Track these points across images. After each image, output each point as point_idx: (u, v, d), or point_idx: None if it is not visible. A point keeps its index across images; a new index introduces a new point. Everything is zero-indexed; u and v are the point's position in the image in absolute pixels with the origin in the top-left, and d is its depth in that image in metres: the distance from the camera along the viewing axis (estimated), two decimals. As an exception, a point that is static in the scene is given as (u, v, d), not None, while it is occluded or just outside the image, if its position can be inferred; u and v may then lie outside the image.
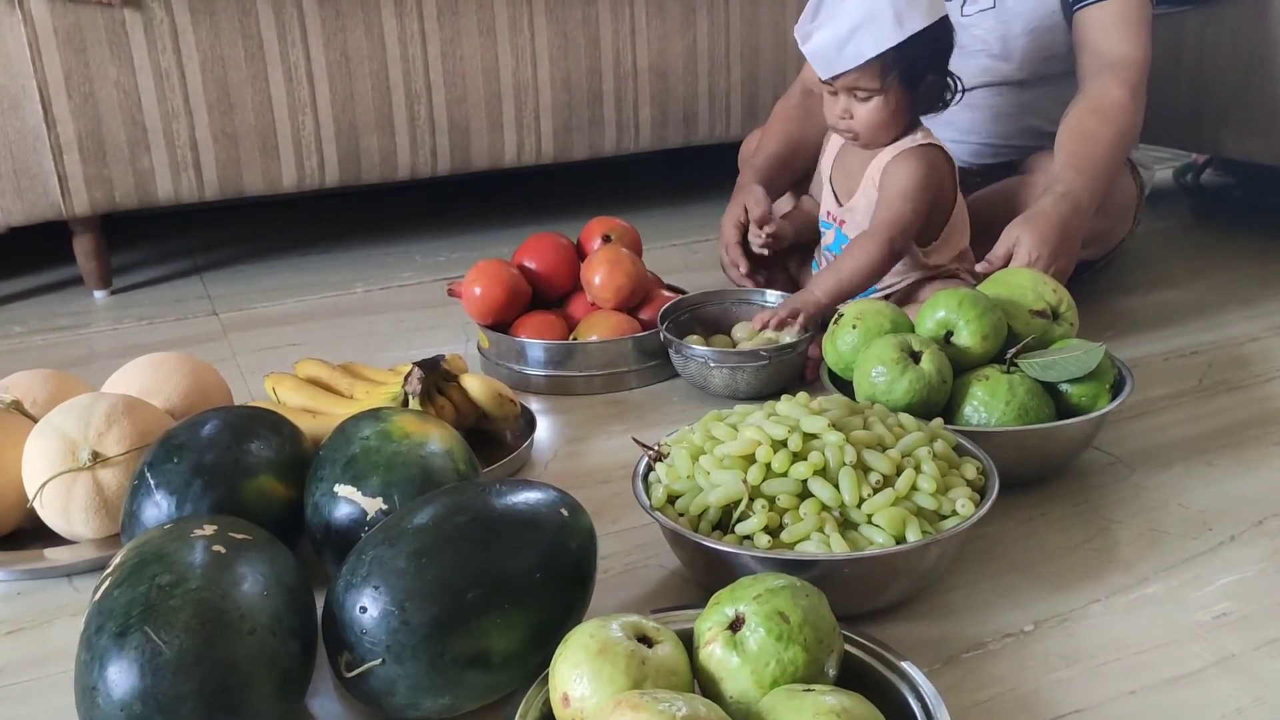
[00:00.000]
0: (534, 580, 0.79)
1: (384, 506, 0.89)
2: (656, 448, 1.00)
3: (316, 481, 0.93)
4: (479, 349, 1.45)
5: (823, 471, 0.90)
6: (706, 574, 0.93)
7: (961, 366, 1.11)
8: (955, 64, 1.34)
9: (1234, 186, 2.19)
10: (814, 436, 0.93)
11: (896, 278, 1.36)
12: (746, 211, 1.44)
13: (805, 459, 0.91)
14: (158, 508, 0.92)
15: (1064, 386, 1.09)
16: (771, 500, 0.90)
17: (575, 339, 1.37)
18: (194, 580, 0.74)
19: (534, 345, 1.36)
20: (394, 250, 2.00)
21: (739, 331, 1.38)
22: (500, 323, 1.40)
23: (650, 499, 0.94)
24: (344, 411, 1.17)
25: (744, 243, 1.45)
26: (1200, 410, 1.24)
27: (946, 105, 1.36)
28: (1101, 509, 1.05)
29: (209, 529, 0.80)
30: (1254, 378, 1.32)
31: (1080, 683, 0.81)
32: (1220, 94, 1.76)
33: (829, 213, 1.41)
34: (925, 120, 1.37)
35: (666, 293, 1.46)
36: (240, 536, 0.81)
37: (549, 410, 1.33)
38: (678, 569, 0.99)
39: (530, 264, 1.43)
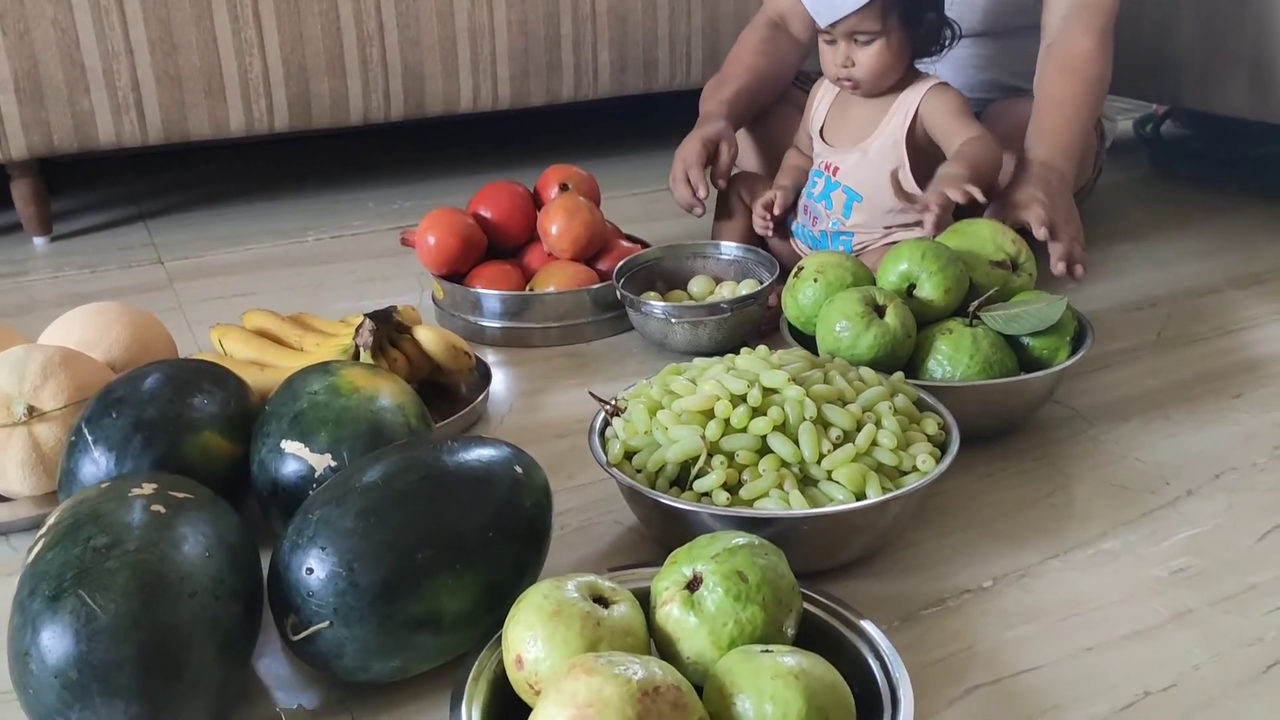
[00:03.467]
0: (486, 539, 0.77)
1: (332, 463, 0.87)
2: (613, 402, 0.98)
3: (263, 437, 0.90)
4: (433, 300, 1.42)
5: (782, 427, 0.88)
6: (664, 531, 0.91)
7: (924, 319, 1.09)
8: None
9: (1193, 138, 2.19)
10: (774, 391, 0.91)
11: (876, 233, 1.33)
12: (718, 148, 1.41)
13: (765, 414, 0.89)
14: (96, 465, 0.89)
15: (1025, 339, 1.08)
16: (730, 456, 0.88)
17: (532, 290, 1.34)
18: (131, 542, 0.71)
19: (489, 296, 1.33)
20: (346, 197, 1.95)
21: (695, 286, 1.35)
22: (455, 273, 1.37)
23: (607, 455, 0.92)
24: (293, 364, 1.14)
25: (707, 166, 1.41)
26: (1158, 363, 1.24)
27: (945, 47, 1.34)
28: (1061, 463, 1.04)
29: (148, 488, 0.77)
30: (1212, 330, 1.32)
31: (1038, 639, 0.81)
32: (1181, 45, 1.75)
33: (827, 163, 1.37)
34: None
35: (625, 243, 1.43)
36: (181, 495, 0.78)
37: (505, 363, 1.30)
38: (635, 525, 0.97)
39: (485, 213, 1.39)
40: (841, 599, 0.77)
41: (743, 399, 0.90)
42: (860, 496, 0.85)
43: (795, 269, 1.17)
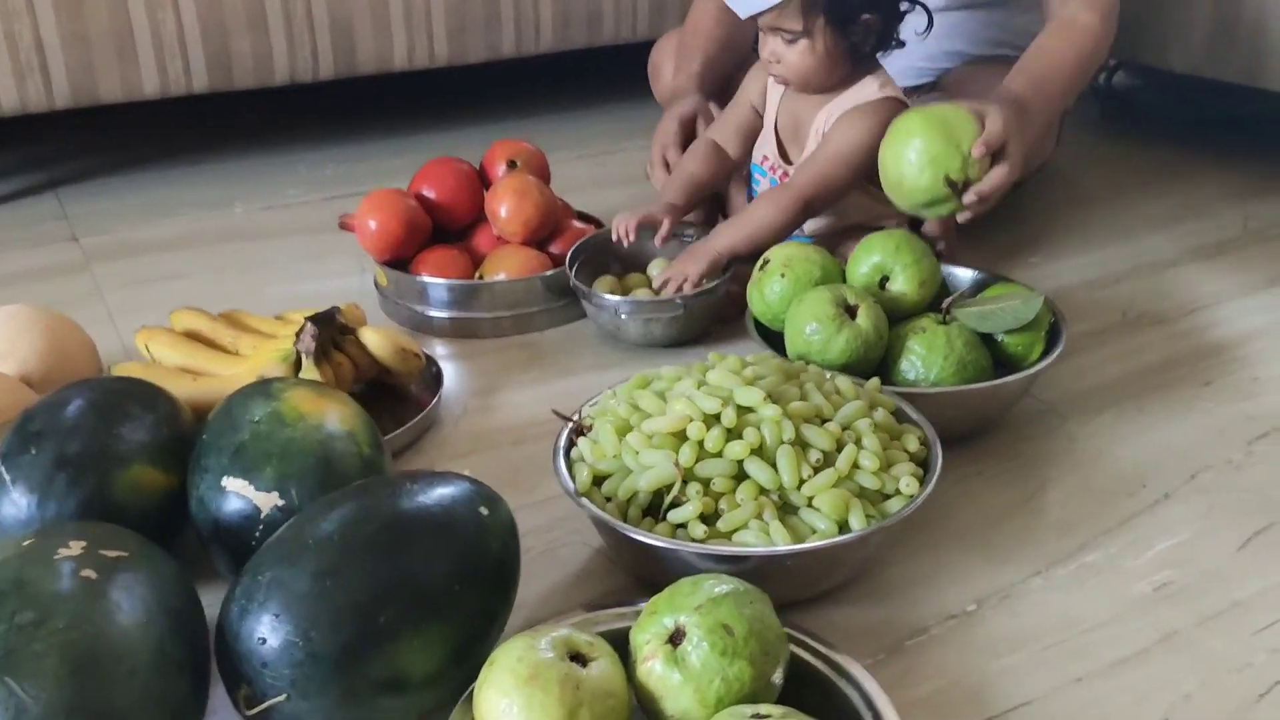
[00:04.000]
0: (453, 591, 0.72)
1: (280, 502, 0.80)
2: (578, 419, 0.92)
3: (200, 472, 0.84)
4: (376, 286, 1.34)
5: (759, 450, 0.84)
6: (636, 564, 0.87)
7: (896, 315, 1.05)
8: None
9: (1142, 89, 2.16)
10: (749, 410, 0.86)
11: (830, 219, 1.28)
12: (694, 126, 1.35)
13: (740, 436, 0.84)
14: (16, 507, 0.81)
15: (999, 335, 1.05)
16: (706, 483, 0.83)
17: (481, 277, 1.27)
18: (61, 617, 0.64)
19: (436, 285, 1.26)
20: (274, 160, 1.85)
21: (654, 269, 1.30)
22: (399, 258, 1.29)
23: (575, 481, 0.87)
24: (227, 371, 1.07)
25: (683, 146, 1.35)
26: (1126, 347, 1.21)
27: (898, 44, 1.24)
28: (1036, 464, 1.02)
29: (76, 547, 0.70)
30: (1177, 310, 1.30)
31: (1027, 670, 0.78)
32: (1139, 2, 1.71)
33: (765, 157, 1.31)
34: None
35: (578, 223, 1.36)
36: (114, 554, 0.71)
37: (455, 356, 1.24)
38: (604, 548, 0.92)
39: (429, 193, 1.32)
40: (828, 641, 0.74)
41: (716, 419, 0.85)
42: (843, 525, 0.81)
43: (760, 261, 1.12)
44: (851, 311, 1.01)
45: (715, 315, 1.24)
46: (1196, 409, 1.10)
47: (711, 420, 0.86)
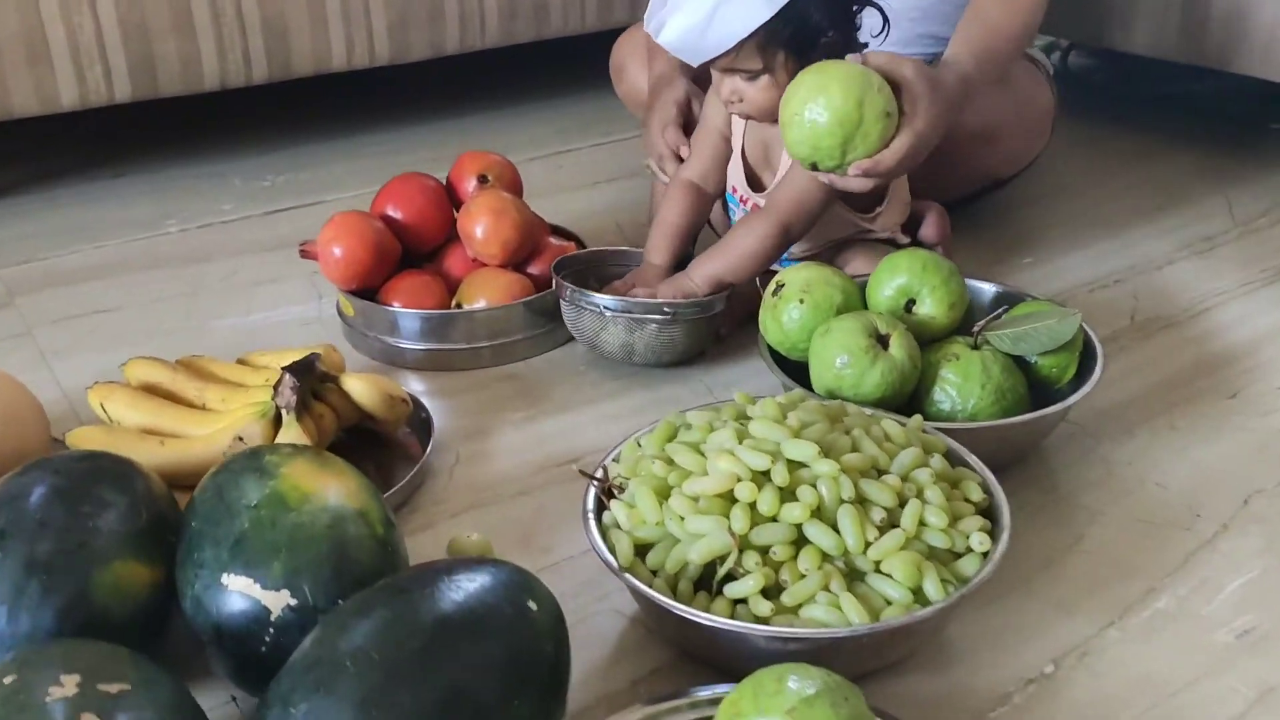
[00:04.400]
0: (510, 708, 0.63)
1: (292, 601, 0.71)
2: (607, 478, 0.84)
3: (194, 567, 0.73)
4: (340, 315, 1.23)
5: (818, 510, 0.77)
6: (686, 641, 0.79)
7: (923, 339, 0.99)
8: None
9: (1095, 70, 2.13)
10: (800, 465, 0.79)
11: (813, 242, 1.21)
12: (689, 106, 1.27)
13: (794, 496, 0.77)
14: (-17, 624, 0.70)
15: (1033, 357, 0.99)
16: (763, 551, 0.76)
17: (460, 305, 1.17)
18: (67, 783, 0.55)
19: (411, 316, 1.16)
20: (205, 171, 1.71)
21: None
22: (367, 287, 1.18)
23: (615, 554, 0.78)
24: (199, 431, 0.96)
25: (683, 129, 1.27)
26: (1143, 355, 1.17)
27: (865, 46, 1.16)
28: (1079, 495, 0.96)
29: (69, 684, 0.60)
30: (1182, 312, 1.26)
31: (1122, 741, 0.73)
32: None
33: (734, 187, 1.22)
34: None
35: (555, 240, 1.27)
36: (114, 689, 0.61)
37: (434, 392, 1.14)
38: (638, 615, 0.84)
39: (395, 213, 1.21)
40: (922, 730, 0.67)
41: (766, 477, 0.78)
42: (917, 591, 0.74)
43: (773, 285, 1.04)
44: (884, 341, 0.94)
45: (705, 335, 1.16)
46: (1229, 424, 1.05)
47: (761, 478, 0.78)
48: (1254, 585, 0.86)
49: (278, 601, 0.71)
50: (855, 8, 1.14)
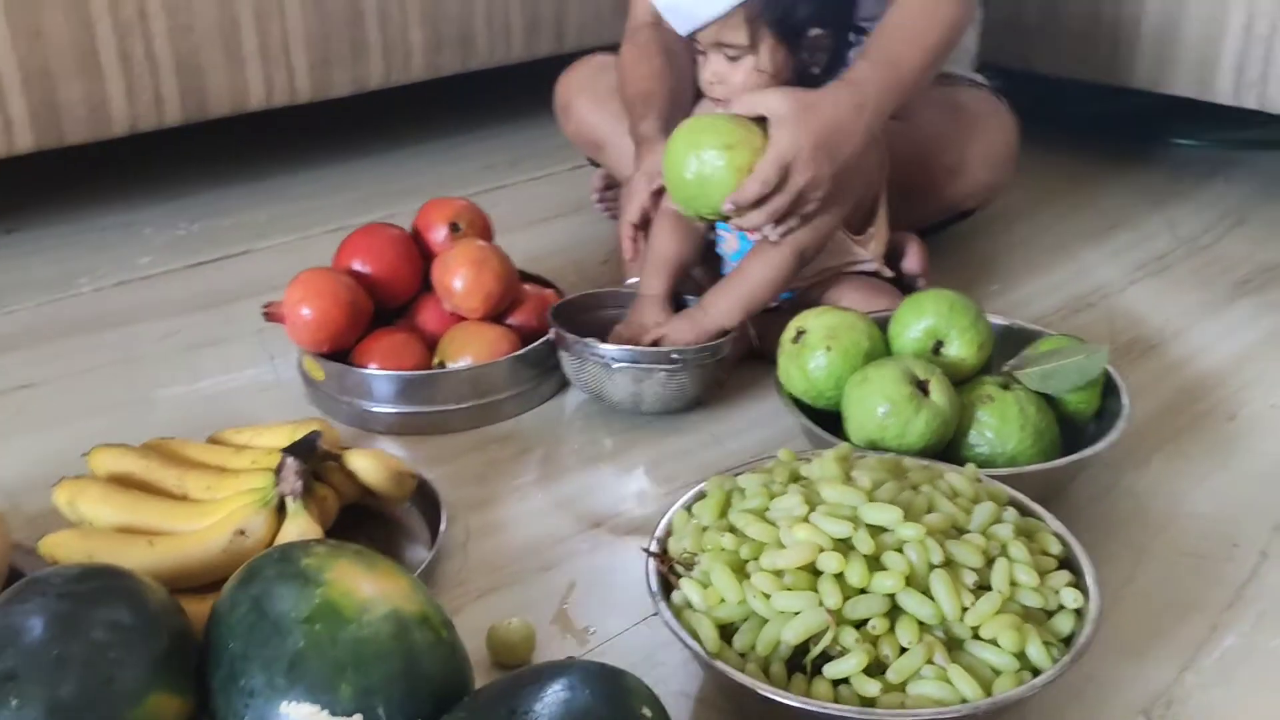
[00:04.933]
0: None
1: (364, 726, 0.63)
2: (667, 555, 0.78)
3: (242, 695, 0.65)
4: (304, 378, 1.14)
5: (907, 579, 0.73)
6: (781, 725, 0.74)
7: (953, 382, 0.96)
8: None
9: (1005, 92, 2.17)
10: (881, 530, 0.75)
11: (806, 273, 1.18)
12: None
13: (881, 564, 0.73)
14: (0, 788, 0.60)
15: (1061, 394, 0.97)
16: (858, 626, 0.72)
17: (442, 363, 1.10)
18: None
19: (392, 378, 1.07)
20: (110, 223, 1.57)
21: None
22: (339, 349, 1.09)
23: (700, 640, 0.72)
24: (187, 524, 0.86)
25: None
26: (1136, 381, 1.16)
27: (842, 65, 1.14)
28: (1116, 532, 0.95)
29: None
30: (1156, 335, 1.27)
31: (1233, 796, 0.71)
32: (1033, 8, 1.70)
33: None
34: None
35: (529, 287, 1.20)
36: None
37: (425, 460, 1.05)
38: (702, 694, 0.79)
39: (363, 267, 1.12)
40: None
41: (848, 545, 0.74)
42: (1020, 656, 0.71)
43: (792, 332, 1.00)
44: (923, 388, 0.91)
45: (712, 380, 1.12)
46: (1238, 448, 1.06)
47: (843, 547, 0.74)
48: (1310, 616, 0.86)
49: (349, 728, 0.63)
50: (849, 10, 1.13)
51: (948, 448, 0.94)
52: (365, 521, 0.96)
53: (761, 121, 1.04)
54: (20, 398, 1.16)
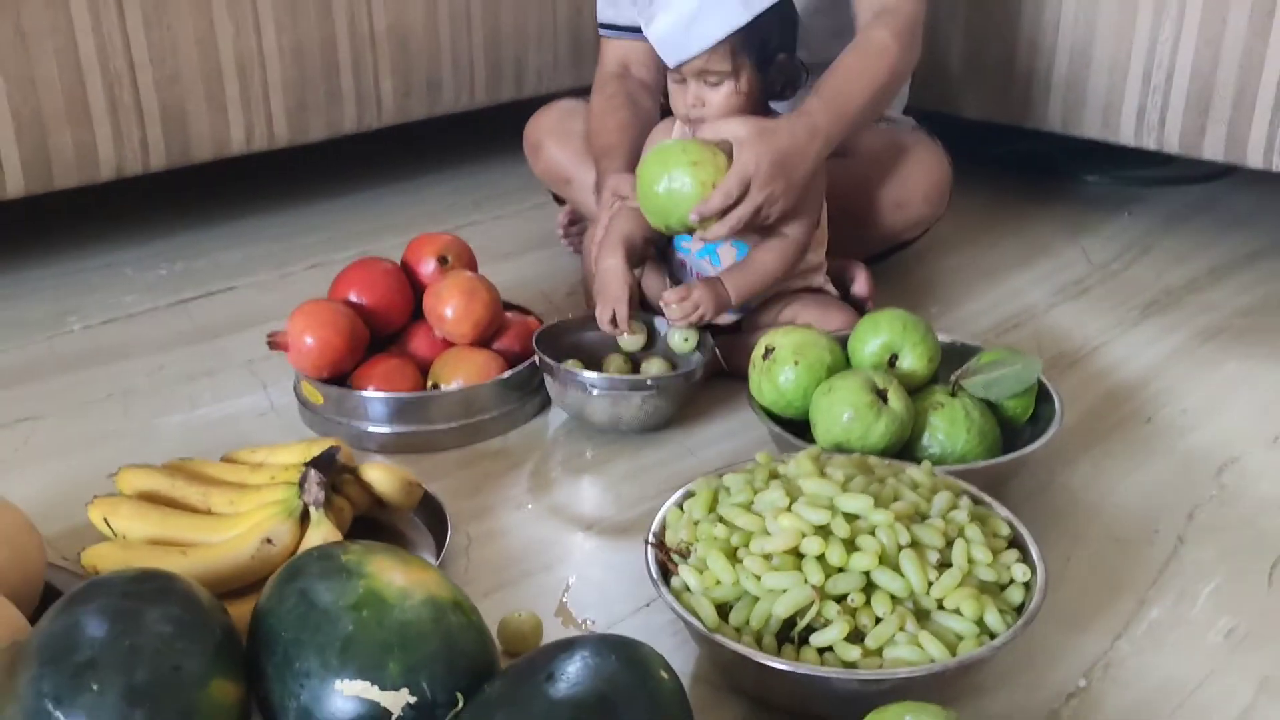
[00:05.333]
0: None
1: (412, 699, 0.71)
2: (664, 545, 0.87)
3: (297, 677, 0.72)
4: (301, 402, 1.21)
5: (881, 557, 0.83)
6: (771, 694, 0.83)
7: (907, 390, 1.07)
8: None
9: (935, 133, 2.31)
10: (855, 517, 0.85)
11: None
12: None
13: (858, 546, 0.83)
14: (87, 761, 0.67)
15: (1000, 400, 1.09)
16: (839, 600, 0.81)
17: (436, 385, 1.18)
18: None
19: (389, 400, 1.15)
20: (95, 264, 1.63)
21: (625, 342, 1.24)
22: (338, 374, 1.17)
23: (700, 617, 0.81)
24: (213, 536, 0.93)
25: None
26: (1062, 390, 1.27)
27: (799, 89, 1.29)
28: (1053, 521, 1.06)
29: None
30: (1079, 350, 1.40)
31: (1168, 741, 0.82)
32: (957, 58, 1.83)
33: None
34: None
35: (512, 315, 1.29)
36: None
37: (421, 476, 1.12)
38: (700, 673, 0.88)
39: (359, 299, 1.20)
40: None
41: (827, 530, 0.83)
42: (980, 623, 0.81)
43: (762, 349, 1.10)
44: (883, 396, 1.02)
45: (684, 401, 1.21)
46: (1156, 448, 1.18)
47: (823, 532, 0.84)
48: (1222, 590, 0.97)
49: (397, 701, 0.71)
50: (794, 47, 1.27)
51: (904, 448, 1.05)
52: (374, 534, 1.03)
53: (726, 146, 1.16)
54: (25, 430, 1.21)
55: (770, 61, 1.24)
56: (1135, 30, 1.62)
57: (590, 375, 1.15)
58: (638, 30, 1.45)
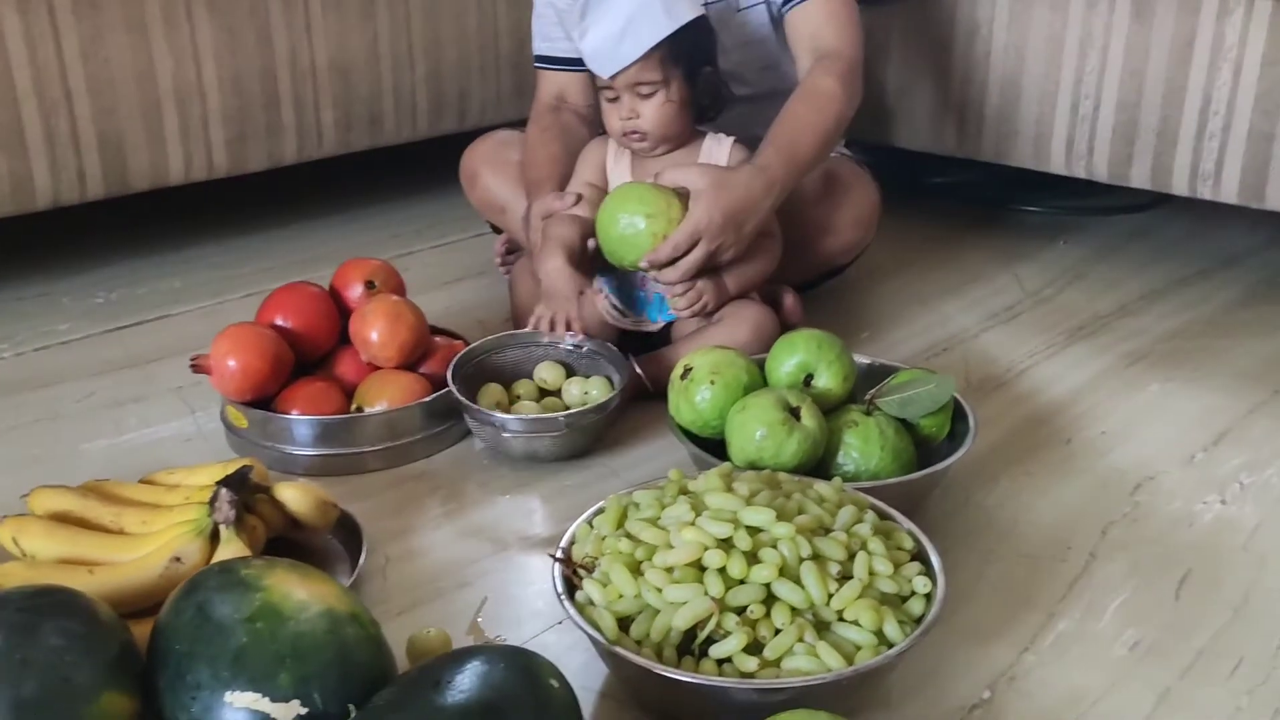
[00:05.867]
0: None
1: (302, 711, 0.71)
2: (571, 560, 0.88)
3: (188, 689, 0.72)
4: (227, 426, 1.21)
5: (782, 569, 0.84)
6: (673, 706, 0.83)
7: (822, 409, 1.08)
8: None
9: (869, 163, 2.35)
10: (758, 530, 0.86)
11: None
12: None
13: (760, 559, 0.83)
14: (-30, 773, 0.67)
15: (915, 419, 1.10)
16: (738, 612, 0.82)
17: (360, 408, 1.18)
18: None
19: (313, 422, 1.15)
20: (31, 293, 1.63)
21: (543, 371, 1.26)
22: (261, 398, 1.17)
23: (601, 629, 0.82)
24: (123, 555, 0.93)
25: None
26: (986, 413, 1.30)
27: (725, 103, 1.36)
28: (967, 540, 1.07)
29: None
30: (1005, 373, 1.42)
31: (1066, 750, 0.83)
32: (892, 90, 1.87)
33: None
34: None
35: (439, 339, 1.30)
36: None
37: (340, 498, 1.11)
38: (606, 690, 0.88)
39: (285, 323, 1.21)
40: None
41: (729, 544, 0.84)
42: (879, 634, 0.82)
43: (680, 369, 1.11)
44: (795, 413, 1.03)
45: (600, 433, 1.22)
46: (1074, 468, 1.20)
47: (725, 545, 0.84)
48: (1129, 604, 0.99)
49: (288, 713, 0.71)
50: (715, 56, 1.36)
51: (818, 467, 1.06)
52: (291, 554, 1.02)
53: (684, 192, 1.24)
54: (-52, 454, 1.21)
55: (698, 74, 1.32)
56: (1063, 62, 1.66)
57: (503, 417, 1.16)
58: (573, 62, 1.48)
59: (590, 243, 1.30)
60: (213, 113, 1.62)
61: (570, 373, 1.27)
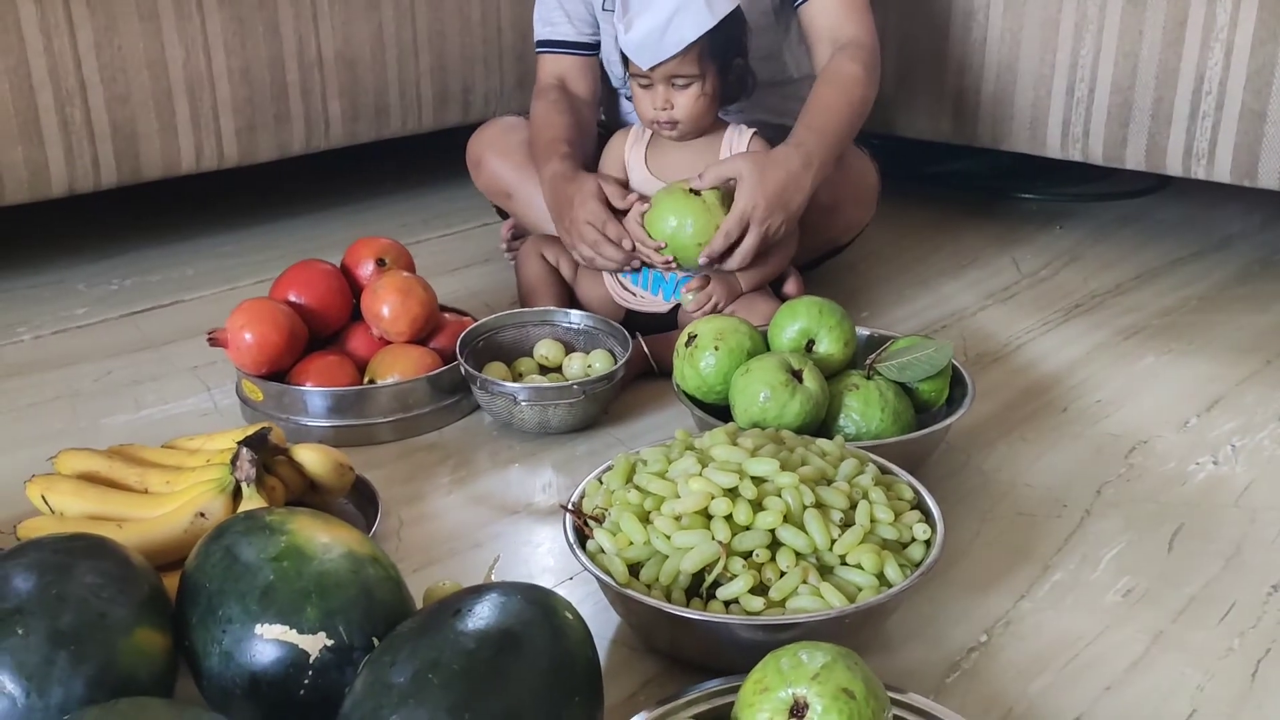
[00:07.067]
0: (573, 707, 0.69)
1: (329, 643, 0.74)
2: (581, 511, 0.91)
3: (219, 624, 0.75)
4: (243, 400, 1.24)
5: (786, 516, 0.87)
6: (685, 647, 0.86)
7: (824, 374, 1.11)
8: None
9: (869, 146, 2.38)
10: (762, 480, 0.89)
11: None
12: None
13: (765, 507, 0.86)
14: (11, 700, 0.69)
15: (915, 383, 1.13)
16: (745, 556, 0.85)
17: (373, 380, 1.21)
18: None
19: (327, 394, 1.18)
20: (46, 280, 1.66)
21: (543, 348, 1.29)
22: (276, 371, 1.20)
23: (611, 574, 0.85)
24: (148, 513, 0.96)
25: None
26: (985, 384, 1.34)
27: (750, 92, 1.40)
28: (966, 500, 1.10)
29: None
30: (1003, 348, 1.45)
31: (1062, 689, 0.85)
32: (889, 77, 1.90)
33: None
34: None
35: (449, 316, 1.33)
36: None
37: (359, 466, 1.16)
38: (618, 637, 0.91)
39: (299, 299, 1.24)
40: (899, 688, 0.77)
41: (735, 492, 0.87)
42: (880, 577, 0.85)
43: (684, 337, 1.14)
44: (798, 376, 1.06)
45: (610, 401, 1.25)
46: (1068, 433, 1.23)
47: (731, 494, 0.87)
48: (1123, 555, 1.02)
49: (315, 644, 0.74)
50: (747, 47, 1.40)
51: (820, 429, 1.09)
52: (307, 517, 1.06)
53: (729, 186, 1.28)
54: (-24, 429, 1.24)
55: (730, 67, 1.35)
56: (1058, 46, 1.70)
57: (515, 386, 1.19)
58: (574, 46, 1.52)
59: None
60: (223, 102, 1.65)
61: (570, 350, 1.30)
